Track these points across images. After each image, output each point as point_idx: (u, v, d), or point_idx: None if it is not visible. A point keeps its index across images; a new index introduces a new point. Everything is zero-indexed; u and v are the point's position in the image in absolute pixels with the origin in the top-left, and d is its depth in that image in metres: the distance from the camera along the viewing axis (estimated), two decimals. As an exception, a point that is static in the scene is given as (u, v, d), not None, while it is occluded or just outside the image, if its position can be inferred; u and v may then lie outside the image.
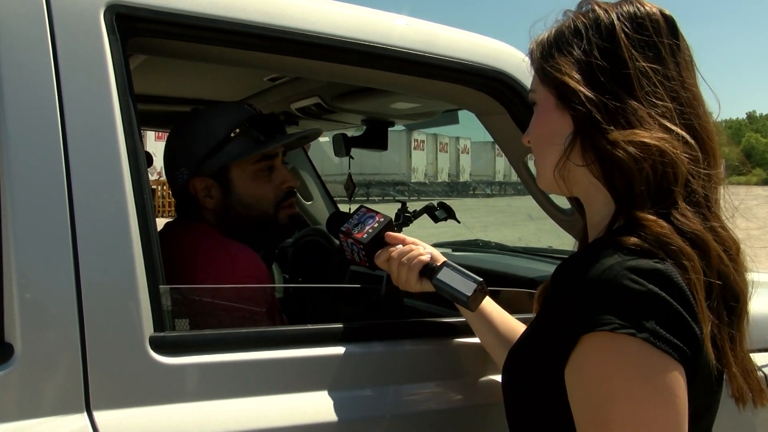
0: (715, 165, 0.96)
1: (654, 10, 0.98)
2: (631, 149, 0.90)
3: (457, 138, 33.71)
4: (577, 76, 0.96)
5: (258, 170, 1.57)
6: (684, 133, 0.93)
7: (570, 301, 0.87)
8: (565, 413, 0.87)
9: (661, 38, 0.97)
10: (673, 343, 0.81)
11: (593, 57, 0.96)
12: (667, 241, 0.87)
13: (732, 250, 0.94)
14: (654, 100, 0.94)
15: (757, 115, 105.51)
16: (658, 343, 0.80)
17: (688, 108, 0.96)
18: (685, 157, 0.92)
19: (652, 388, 0.80)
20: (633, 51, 0.95)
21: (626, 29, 0.96)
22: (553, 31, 1.03)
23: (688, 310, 0.84)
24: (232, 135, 1.54)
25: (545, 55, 1.01)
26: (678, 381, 0.81)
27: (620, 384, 0.81)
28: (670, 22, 0.99)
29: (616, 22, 0.97)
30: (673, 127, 0.93)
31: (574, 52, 0.97)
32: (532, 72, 1.06)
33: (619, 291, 0.82)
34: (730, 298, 0.93)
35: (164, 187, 17.34)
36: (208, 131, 1.56)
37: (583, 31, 0.98)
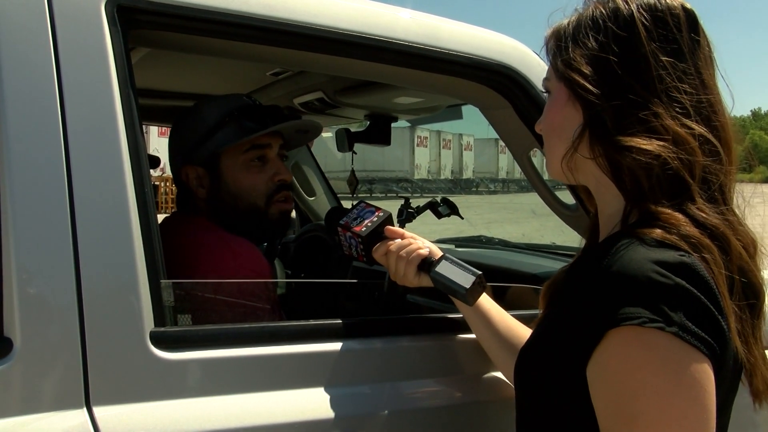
0: (731, 162, 0.94)
1: (675, 3, 0.96)
2: (635, 156, 0.90)
3: (461, 135, 33.66)
4: (589, 71, 0.94)
5: (248, 160, 1.55)
6: (702, 131, 0.92)
7: (592, 296, 0.86)
8: (585, 410, 0.86)
9: (681, 33, 0.95)
10: (701, 337, 0.80)
11: (610, 50, 0.94)
12: (685, 234, 0.86)
13: (750, 248, 0.94)
14: (674, 95, 0.92)
15: (762, 112, 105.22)
16: (686, 337, 0.79)
17: (706, 105, 0.94)
18: (703, 154, 0.90)
19: (681, 383, 0.79)
20: (653, 45, 0.93)
21: (646, 22, 0.94)
22: (570, 21, 1.00)
23: (715, 303, 0.82)
24: (221, 123, 1.53)
25: (560, 46, 0.99)
26: (707, 375, 0.80)
27: (649, 379, 0.79)
28: (690, 17, 0.96)
29: (636, 14, 0.94)
30: (692, 124, 0.91)
31: (589, 44, 0.95)
32: (548, 60, 1.04)
33: (646, 284, 0.81)
34: (751, 294, 0.91)
35: (167, 184, 17.36)
36: (200, 120, 1.56)
37: (601, 22, 0.96)
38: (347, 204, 2.23)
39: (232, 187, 1.55)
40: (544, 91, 1.08)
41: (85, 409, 1.01)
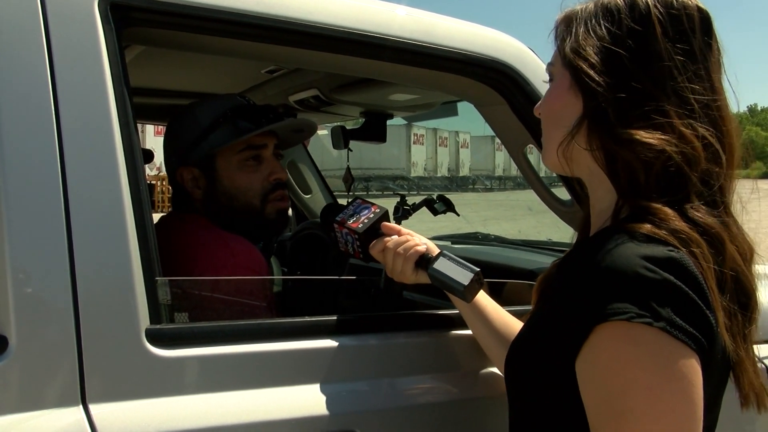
0: (732, 167, 0.94)
1: (691, 3, 0.95)
2: (636, 149, 0.89)
3: (457, 132, 33.66)
4: (596, 61, 0.93)
5: (243, 160, 1.55)
6: (707, 134, 0.91)
7: (581, 291, 0.86)
8: (574, 404, 0.86)
9: (695, 34, 0.94)
10: (689, 332, 0.80)
11: (621, 43, 0.93)
12: (674, 228, 0.86)
13: (747, 254, 0.94)
14: (684, 95, 0.92)
15: (759, 108, 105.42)
16: (674, 333, 0.79)
17: (713, 108, 0.93)
18: (705, 157, 0.90)
19: (669, 377, 0.79)
20: (666, 42, 0.92)
21: (661, 18, 0.93)
22: (584, 8, 0.99)
23: (703, 299, 0.83)
24: (216, 123, 1.53)
25: (570, 32, 0.98)
26: (695, 370, 0.80)
27: (637, 374, 0.80)
28: (705, 19, 0.96)
29: (652, 9, 0.93)
30: (697, 126, 0.91)
31: (601, 34, 0.94)
32: (555, 45, 1.02)
33: (634, 279, 0.81)
34: (742, 295, 0.91)
35: (163, 183, 17.29)
36: (194, 121, 1.56)
37: (615, 12, 0.94)
38: (344, 202, 2.24)
39: (228, 187, 1.55)
40: (546, 79, 1.06)
41: (81, 406, 1.00)
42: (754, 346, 0.96)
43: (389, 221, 1.36)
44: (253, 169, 1.57)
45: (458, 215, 2.52)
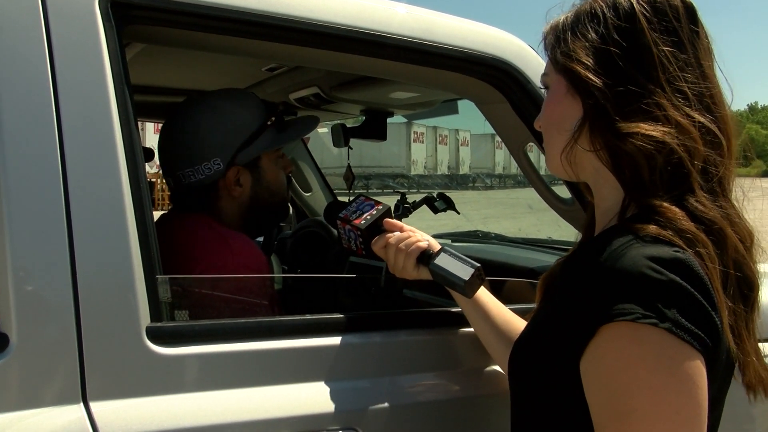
0: (730, 154, 0.95)
1: None
2: (638, 143, 0.89)
3: (457, 130, 33.66)
4: (589, 62, 0.94)
5: (279, 157, 1.65)
6: (704, 120, 0.92)
7: (586, 291, 0.86)
8: (577, 404, 0.86)
9: (681, 24, 0.95)
10: (694, 333, 0.80)
11: (611, 41, 0.94)
12: (681, 228, 0.86)
13: (747, 240, 0.94)
14: (676, 85, 0.93)
15: (759, 106, 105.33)
16: (680, 333, 0.79)
17: (707, 95, 0.94)
18: (704, 144, 0.91)
19: (674, 378, 0.79)
20: (654, 35, 0.93)
21: (646, 13, 0.94)
22: (569, 15, 1.01)
23: (708, 299, 0.83)
24: (269, 124, 1.59)
25: (558, 39, 1.00)
26: (699, 371, 0.81)
27: (642, 374, 0.80)
28: (689, 8, 0.97)
29: (635, 5, 0.95)
30: (694, 114, 0.92)
31: (589, 36, 0.96)
32: (546, 55, 1.04)
33: (640, 280, 0.81)
34: (745, 287, 0.92)
35: (164, 180, 17.20)
36: (243, 121, 1.56)
37: (600, 15, 0.96)
38: (344, 200, 2.23)
39: (272, 184, 1.62)
40: (541, 87, 1.08)
41: (81, 404, 1.01)
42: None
43: (392, 218, 1.36)
44: (281, 165, 1.66)
45: (458, 213, 2.52)
